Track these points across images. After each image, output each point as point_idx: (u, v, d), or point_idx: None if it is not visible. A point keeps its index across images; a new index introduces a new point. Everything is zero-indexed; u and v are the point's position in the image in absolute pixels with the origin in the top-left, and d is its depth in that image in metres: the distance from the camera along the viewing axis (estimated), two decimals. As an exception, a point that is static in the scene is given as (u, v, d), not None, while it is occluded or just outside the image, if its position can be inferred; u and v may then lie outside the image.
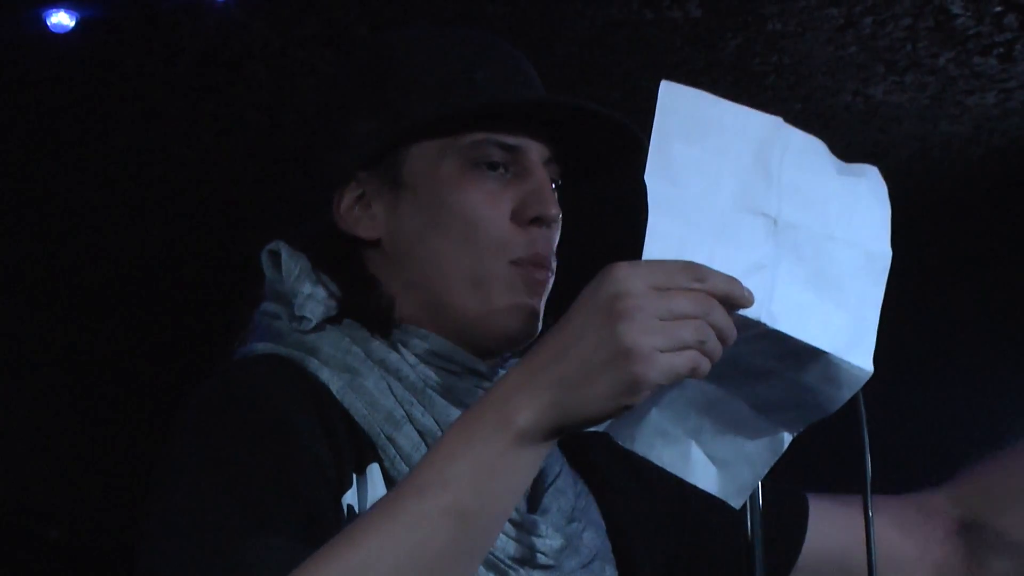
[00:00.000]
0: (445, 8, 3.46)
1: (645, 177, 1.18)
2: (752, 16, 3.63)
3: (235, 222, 4.83)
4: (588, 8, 3.57)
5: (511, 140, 1.42)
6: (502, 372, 1.43)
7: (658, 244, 1.17)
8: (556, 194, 1.45)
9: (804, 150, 1.24)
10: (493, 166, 1.42)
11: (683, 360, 1.13)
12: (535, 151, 1.44)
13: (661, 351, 1.12)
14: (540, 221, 1.41)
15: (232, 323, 1.47)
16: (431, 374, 1.40)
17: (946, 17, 3.63)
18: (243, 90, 3.96)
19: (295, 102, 3.99)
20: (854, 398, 1.24)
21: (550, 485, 1.45)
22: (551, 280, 1.44)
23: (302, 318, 1.39)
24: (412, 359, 1.39)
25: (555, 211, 1.42)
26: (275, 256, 1.45)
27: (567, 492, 1.46)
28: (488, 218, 1.40)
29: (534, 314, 1.41)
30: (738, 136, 1.22)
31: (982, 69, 3.95)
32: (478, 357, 1.42)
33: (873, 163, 1.28)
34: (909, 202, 4.82)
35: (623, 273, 1.14)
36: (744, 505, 1.33)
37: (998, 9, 3.59)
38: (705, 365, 1.14)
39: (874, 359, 1.23)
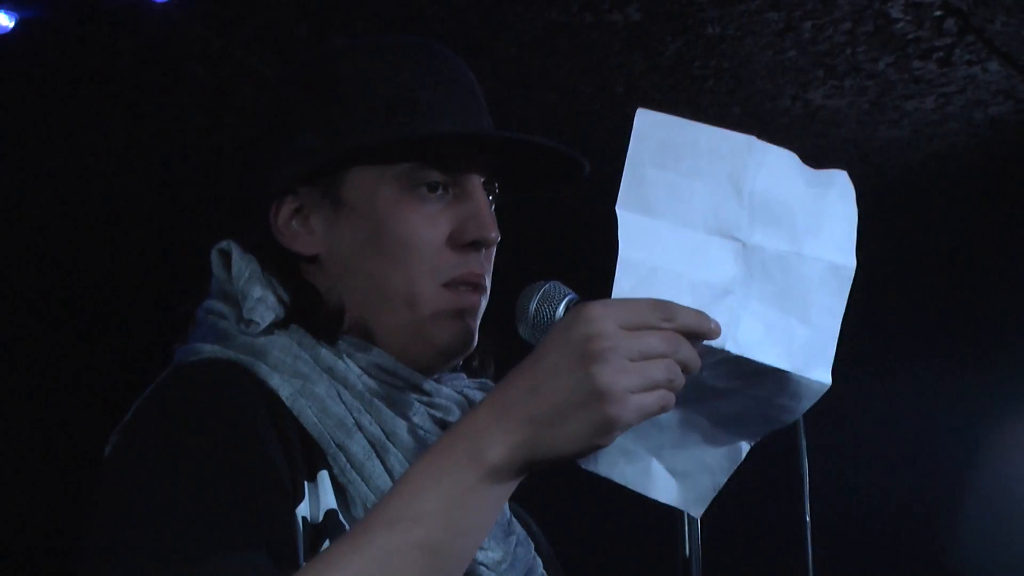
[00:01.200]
0: (385, 10, 3.47)
1: (616, 208, 1.22)
2: (692, 20, 3.65)
3: (174, 224, 4.81)
4: (528, 11, 3.60)
5: (451, 164, 1.48)
6: (444, 389, 1.49)
7: (629, 276, 1.21)
8: (493, 209, 1.51)
9: (776, 166, 1.28)
10: (432, 187, 1.46)
11: (654, 399, 1.18)
12: (475, 175, 1.49)
13: (633, 392, 1.17)
14: (477, 244, 1.47)
15: (172, 319, 1.48)
16: (374, 385, 1.43)
17: (886, 21, 3.67)
18: (183, 92, 3.98)
19: (235, 104, 4.03)
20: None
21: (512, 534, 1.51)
22: (484, 299, 1.49)
23: (250, 321, 1.42)
24: (356, 370, 1.43)
25: (493, 235, 1.47)
26: (225, 255, 1.48)
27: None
28: (423, 241, 1.44)
29: (466, 332, 1.47)
30: (711, 157, 1.26)
31: (921, 74, 4.00)
32: (419, 371, 1.47)
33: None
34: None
35: (596, 313, 1.18)
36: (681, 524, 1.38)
37: (938, 14, 3.62)
38: (672, 401, 1.20)
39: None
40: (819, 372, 1.28)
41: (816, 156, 1.45)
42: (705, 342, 1.22)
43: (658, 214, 1.23)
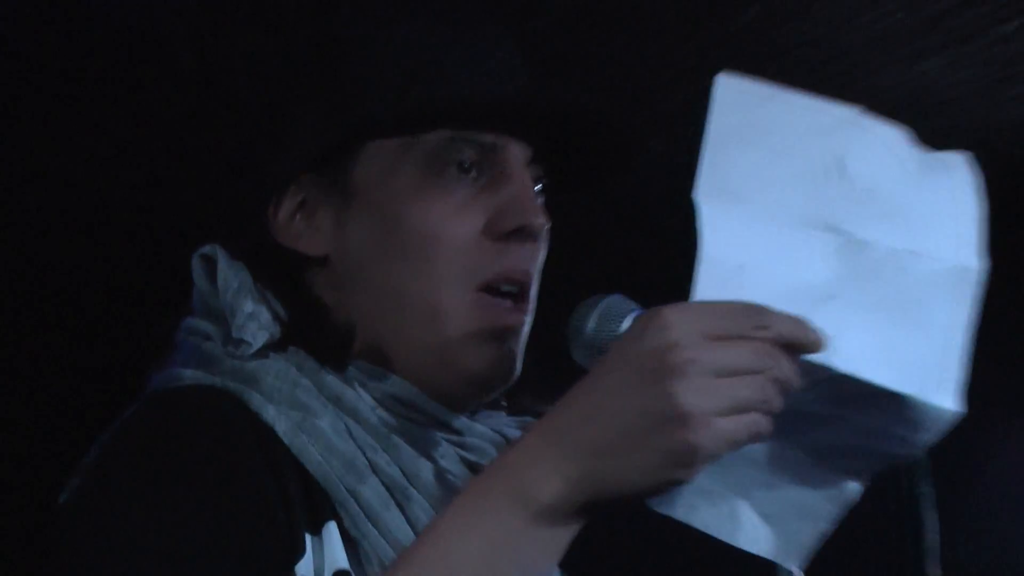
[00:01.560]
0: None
1: (695, 195, 1.18)
2: (775, -24, 3.46)
3: (152, 226, 4.86)
4: (571, -28, 3.48)
5: (486, 138, 1.41)
6: (478, 427, 1.43)
7: (713, 276, 1.17)
8: (541, 201, 1.44)
9: (885, 146, 1.25)
10: (464, 168, 1.41)
11: (744, 425, 1.13)
12: (515, 151, 1.43)
13: (719, 415, 1.12)
14: (521, 233, 1.40)
15: (148, 341, 1.44)
16: (392, 420, 1.38)
17: (1018, -28, 3.44)
18: (163, 76, 3.90)
19: (224, 89, 3.92)
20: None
21: None
22: (529, 315, 1.42)
23: (240, 341, 1.36)
24: (369, 401, 1.38)
25: (540, 220, 1.40)
26: (209, 263, 1.43)
27: None
28: (452, 234, 1.39)
29: (506, 355, 1.40)
30: (808, 133, 1.23)
31: (1063, 39, 3.80)
32: (446, 406, 1.40)
33: (929, 151, 1.27)
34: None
35: (673, 319, 1.13)
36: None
37: (1087, -39, 3.45)
38: (766, 427, 1.14)
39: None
40: (944, 396, 1.22)
41: (930, 143, 1.36)
42: (805, 357, 1.17)
43: (745, 202, 1.21)
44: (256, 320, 1.39)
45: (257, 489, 1.26)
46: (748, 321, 1.15)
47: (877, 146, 1.26)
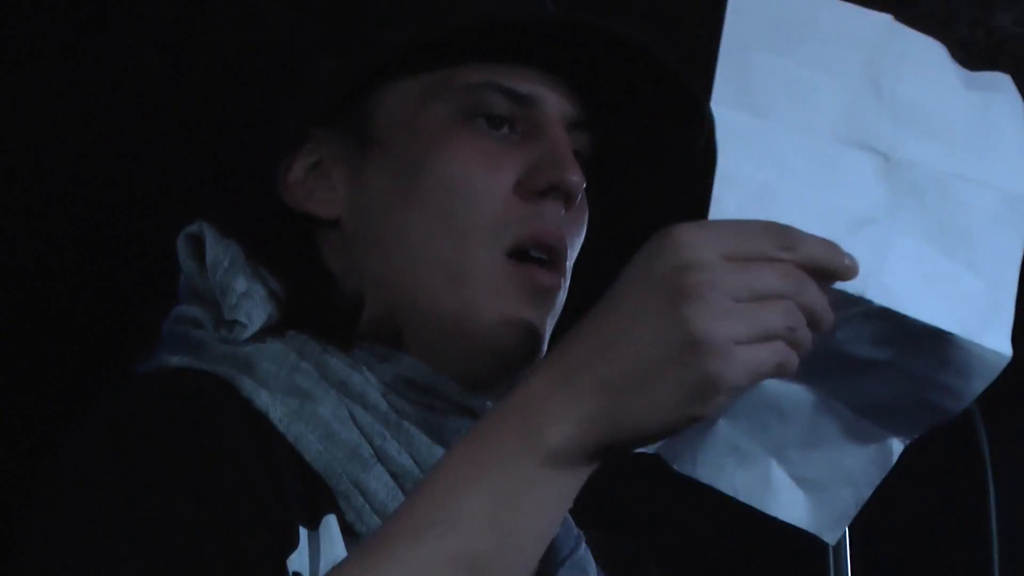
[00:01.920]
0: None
1: (712, 104, 1.16)
2: (833, -86, 3.40)
3: (130, 199, 4.77)
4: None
5: (521, 86, 1.38)
6: None
7: (732, 195, 1.15)
8: (580, 169, 1.41)
9: (924, 59, 1.23)
10: (495, 121, 1.39)
11: (768, 355, 1.10)
12: (554, 105, 1.40)
13: (740, 343, 1.08)
14: (555, 192, 1.37)
15: (129, 333, 1.42)
16: (405, 406, 1.36)
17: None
18: (138, 25, 3.73)
19: (208, 40, 3.77)
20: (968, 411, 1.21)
21: (566, 559, 1.42)
22: (563, 285, 1.40)
23: (234, 324, 1.35)
24: (379, 385, 1.36)
25: (575, 177, 1.37)
26: (196, 242, 1.41)
27: (588, 571, 1.43)
28: (481, 188, 1.36)
29: (533, 330, 1.37)
30: (839, 40, 1.20)
31: None
32: (466, 387, 1.38)
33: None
34: None
35: (689, 238, 1.10)
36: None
37: None
38: (794, 360, 1.12)
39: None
40: (995, 338, 1.20)
41: None
42: (839, 286, 1.14)
43: (769, 114, 1.17)
44: (251, 298, 1.37)
45: (242, 476, 1.24)
46: (772, 241, 1.12)
47: (915, 58, 1.23)
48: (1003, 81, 1.28)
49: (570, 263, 1.43)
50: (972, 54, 4.11)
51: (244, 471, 1.25)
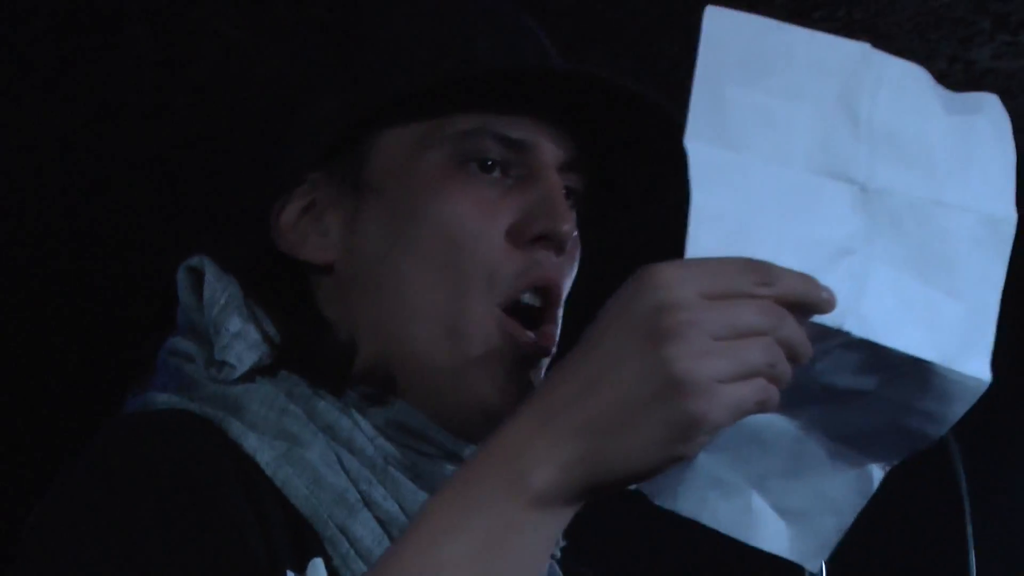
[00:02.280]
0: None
1: (686, 140, 1.15)
2: (813, -48, 3.53)
3: (110, 238, 4.82)
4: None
5: (515, 132, 1.39)
6: None
7: (708, 231, 1.15)
8: (573, 212, 1.43)
9: (901, 84, 1.22)
10: (487, 166, 1.39)
11: (750, 392, 1.10)
12: (548, 151, 1.41)
13: (722, 381, 1.09)
14: (547, 240, 1.38)
15: (130, 361, 1.43)
16: (393, 451, 1.36)
17: (1080, -51, 3.49)
18: (121, 61, 3.79)
19: (192, 78, 3.83)
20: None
21: None
22: (553, 339, 1.40)
23: (224, 364, 1.35)
24: (369, 430, 1.36)
25: (567, 227, 1.38)
26: (197, 276, 1.42)
27: None
28: (475, 235, 1.37)
29: (524, 390, 1.36)
30: (813, 71, 1.20)
31: None
32: (456, 435, 1.38)
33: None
34: (1020, 204, 4.52)
35: (667, 277, 1.10)
36: None
37: None
38: (775, 396, 1.12)
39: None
40: (975, 364, 1.20)
41: None
42: (817, 319, 1.14)
43: (745, 147, 1.16)
44: (243, 340, 1.37)
45: (228, 521, 1.24)
46: (749, 278, 1.12)
47: (893, 84, 1.22)
48: (989, 101, 1.28)
49: (560, 308, 1.43)
50: (950, 88, 4.17)
51: (230, 516, 1.25)
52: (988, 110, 1.26)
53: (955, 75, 4.00)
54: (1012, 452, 4.61)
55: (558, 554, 1.47)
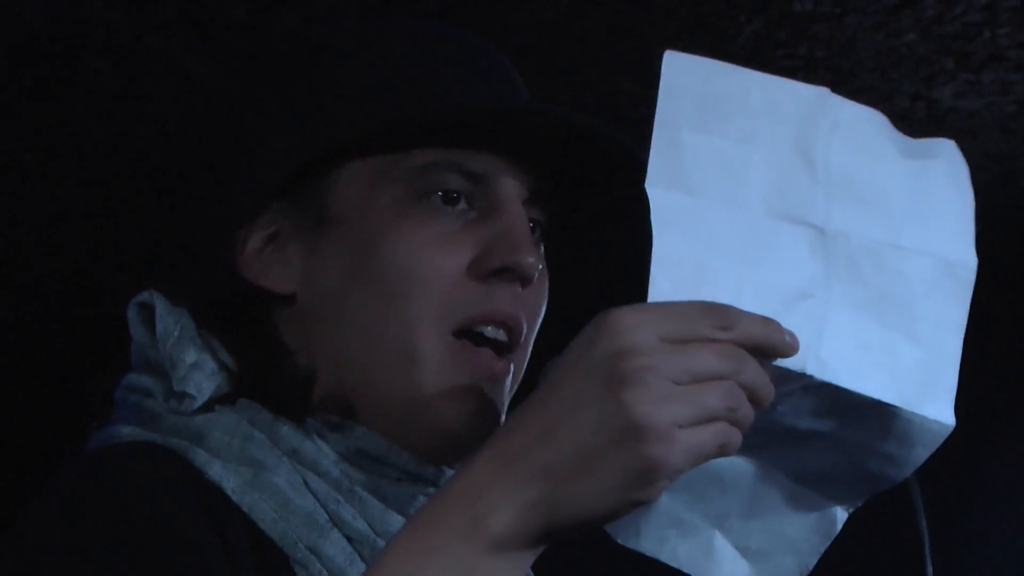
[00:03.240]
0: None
1: (646, 186, 1.17)
2: (774, -10, 3.60)
3: (73, 272, 4.82)
4: (550, -21, 3.52)
5: (477, 165, 1.39)
6: None
7: (668, 276, 1.16)
8: (539, 241, 1.45)
9: (858, 129, 1.23)
10: (450, 198, 1.39)
11: (710, 436, 1.11)
12: (510, 183, 1.41)
13: (681, 426, 1.09)
14: (510, 273, 1.37)
15: (87, 400, 1.42)
16: (357, 475, 1.37)
17: (1039, -8, 3.52)
18: (82, 94, 3.85)
19: (154, 110, 3.89)
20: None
21: None
22: (515, 364, 1.41)
23: (183, 395, 1.36)
24: (332, 454, 1.37)
25: (531, 259, 1.37)
26: (147, 312, 1.42)
27: None
28: (431, 268, 1.37)
29: (486, 409, 1.38)
30: (770, 116, 1.21)
31: (1089, 65, 3.86)
32: (422, 458, 1.39)
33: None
34: (985, 244, 4.55)
35: (626, 323, 1.11)
36: None
37: (1115, -20, 3.54)
38: (736, 439, 1.13)
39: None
40: (937, 408, 1.21)
41: None
42: (779, 362, 1.15)
43: (703, 192, 1.18)
44: (200, 370, 1.37)
45: (193, 549, 1.23)
46: (709, 321, 1.12)
47: (849, 128, 1.23)
48: (946, 147, 1.28)
49: (529, 338, 1.44)
50: (913, 127, 4.10)
51: (193, 547, 1.25)
52: (945, 155, 1.27)
53: (917, 113, 4.07)
54: (973, 493, 4.63)
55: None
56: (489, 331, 1.39)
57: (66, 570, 1.20)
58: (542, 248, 1.46)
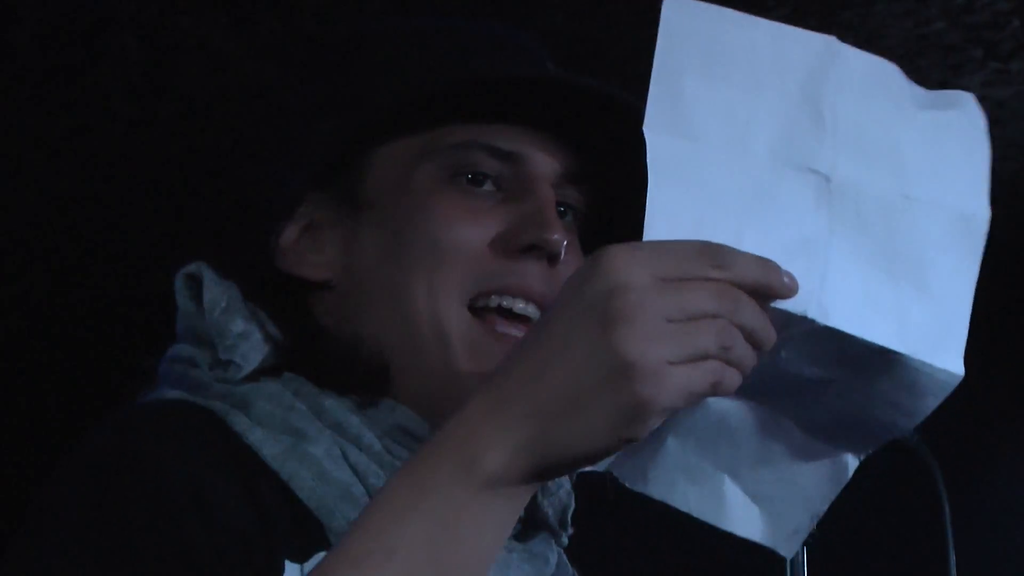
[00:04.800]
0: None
1: (644, 129, 1.14)
2: (805, -22, 3.60)
3: (102, 255, 4.81)
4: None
5: (506, 143, 1.39)
6: None
7: (664, 221, 1.14)
8: (570, 225, 1.44)
9: (869, 78, 1.21)
10: (478, 179, 1.39)
11: (701, 374, 1.10)
12: (540, 162, 1.40)
13: (672, 363, 1.09)
14: (536, 250, 1.37)
15: (133, 374, 1.43)
16: (399, 449, 1.37)
17: (1069, -18, 3.58)
18: (109, 74, 3.86)
19: (181, 90, 3.89)
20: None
21: None
22: None
23: (230, 363, 1.37)
24: (376, 430, 1.37)
25: (557, 236, 1.37)
26: (195, 283, 1.42)
27: None
28: (456, 242, 1.38)
29: None
30: (777, 65, 1.18)
31: (1116, 53, 3.88)
32: None
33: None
34: (1012, 234, 4.49)
35: (619, 261, 1.10)
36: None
37: None
38: (732, 378, 1.12)
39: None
40: (946, 358, 1.20)
41: None
42: (779, 305, 1.13)
43: (705, 140, 1.15)
44: (247, 340, 1.38)
45: (218, 507, 1.25)
46: (705, 260, 1.11)
47: (860, 78, 1.21)
48: (964, 99, 1.26)
49: None
50: None
51: (221, 502, 1.26)
52: (963, 107, 1.26)
53: (943, 101, 4.11)
54: (992, 468, 4.64)
55: (565, 542, 1.49)
56: (519, 307, 1.39)
57: (92, 525, 1.21)
58: (576, 233, 1.46)
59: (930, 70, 3.88)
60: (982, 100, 3.25)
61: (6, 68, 3.82)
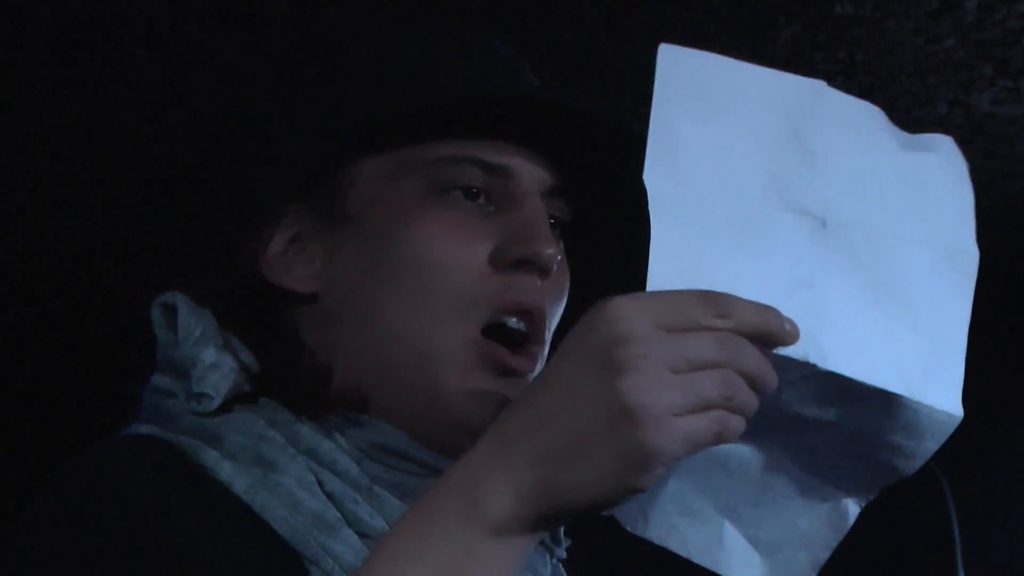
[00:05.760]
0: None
1: (644, 176, 1.18)
2: (815, -6, 3.54)
3: (104, 265, 4.79)
4: (590, -22, 3.51)
5: (494, 157, 1.39)
6: None
7: (666, 265, 1.16)
8: (558, 238, 1.44)
9: (854, 122, 1.25)
10: (470, 193, 1.39)
11: (706, 423, 1.12)
12: (529, 175, 1.41)
13: (676, 414, 1.11)
14: (527, 264, 1.38)
15: (118, 402, 1.43)
16: (379, 471, 1.37)
17: (1080, 0, 3.47)
18: (119, 83, 3.81)
19: (191, 100, 3.85)
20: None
21: None
22: (541, 357, 1.40)
23: (201, 396, 1.36)
24: (353, 452, 1.37)
25: (550, 250, 1.38)
26: (170, 312, 1.42)
27: None
28: (454, 263, 1.37)
29: (504, 405, 1.32)
30: (767, 109, 1.22)
31: None
32: (442, 453, 1.38)
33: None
34: (1020, 254, 4.47)
35: (622, 310, 1.12)
36: None
37: None
38: (735, 426, 1.13)
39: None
40: (942, 397, 1.21)
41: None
42: (780, 351, 1.16)
43: (701, 183, 1.19)
44: (218, 370, 1.37)
45: (190, 544, 1.25)
46: (707, 309, 1.13)
47: (845, 122, 1.24)
48: (943, 142, 1.29)
49: (550, 330, 1.43)
50: (950, 132, 4.06)
51: (188, 539, 1.26)
52: (942, 150, 1.27)
53: (955, 119, 4.02)
54: (1000, 483, 4.61)
55: (563, 554, 1.48)
56: (512, 322, 1.40)
57: (47, 567, 1.22)
58: (562, 244, 1.46)
59: (940, 88, 3.86)
60: (992, 117, 3.31)
61: (17, 78, 3.78)
